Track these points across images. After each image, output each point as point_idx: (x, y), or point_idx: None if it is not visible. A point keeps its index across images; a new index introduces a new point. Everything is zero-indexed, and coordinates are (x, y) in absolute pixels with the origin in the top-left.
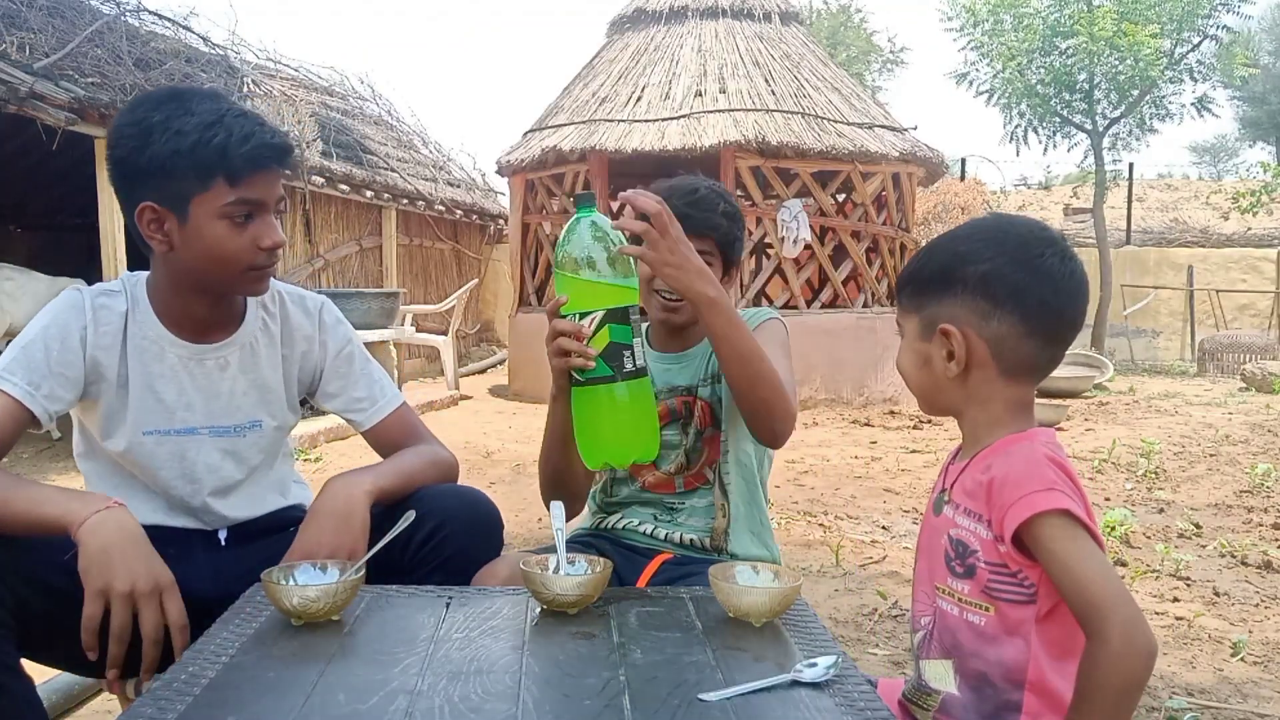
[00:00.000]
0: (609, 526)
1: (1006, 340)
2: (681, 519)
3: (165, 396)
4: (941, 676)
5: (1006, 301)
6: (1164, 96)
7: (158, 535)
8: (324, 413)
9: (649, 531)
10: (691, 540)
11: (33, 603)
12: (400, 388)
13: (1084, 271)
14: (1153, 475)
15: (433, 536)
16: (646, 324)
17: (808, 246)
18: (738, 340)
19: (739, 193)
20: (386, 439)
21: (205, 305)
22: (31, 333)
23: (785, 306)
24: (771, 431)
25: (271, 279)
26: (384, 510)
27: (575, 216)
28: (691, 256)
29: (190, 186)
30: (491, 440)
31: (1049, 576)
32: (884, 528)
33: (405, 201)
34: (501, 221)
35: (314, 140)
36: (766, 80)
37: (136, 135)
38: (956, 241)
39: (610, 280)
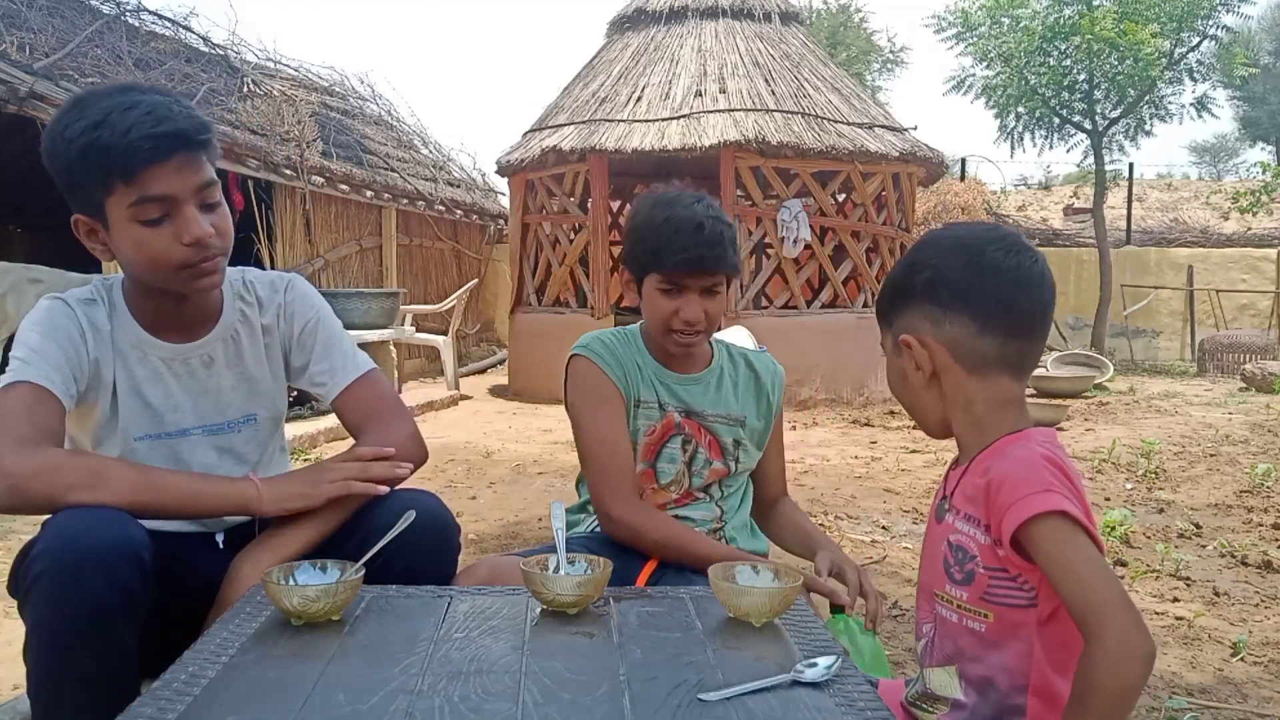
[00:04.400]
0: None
1: (961, 341)
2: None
3: (153, 400)
4: (946, 684)
5: (952, 303)
6: (1164, 96)
7: (155, 540)
8: (325, 412)
9: None
10: None
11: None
12: (400, 388)
13: (1039, 264)
14: (1153, 475)
15: (378, 556)
16: (639, 332)
17: (808, 246)
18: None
19: (739, 193)
20: (352, 412)
21: (174, 304)
22: (34, 337)
23: (785, 306)
24: None
25: (233, 269)
26: (383, 508)
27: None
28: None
29: (95, 192)
30: (492, 440)
31: (1047, 579)
32: (884, 528)
33: (405, 201)
34: (501, 221)
35: (314, 140)
36: (766, 80)
37: (48, 148)
38: (910, 254)
39: None
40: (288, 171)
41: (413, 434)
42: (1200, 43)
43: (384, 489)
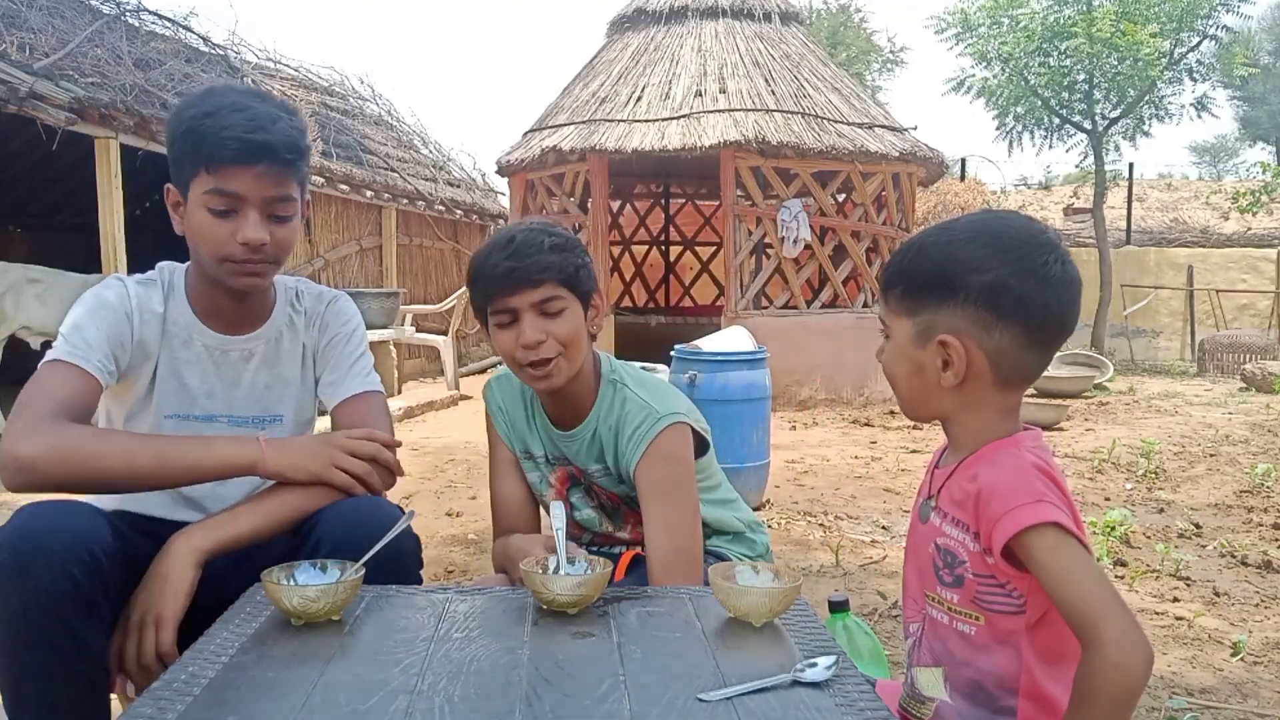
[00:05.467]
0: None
1: (1007, 352)
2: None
3: (189, 382)
4: (933, 684)
5: (1012, 313)
6: (1163, 97)
7: (160, 529)
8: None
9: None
10: None
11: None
12: (400, 388)
13: (1078, 271)
14: (1153, 475)
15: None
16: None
17: (808, 246)
18: None
19: (739, 193)
20: (340, 423)
21: (227, 297)
22: (80, 314)
23: (785, 306)
24: None
25: (290, 279)
26: (377, 509)
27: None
28: None
29: (186, 171)
30: None
31: (1042, 588)
32: (884, 528)
33: (405, 201)
34: (501, 221)
35: (314, 140)
36: (766, 80)
37: (169, 120)
38: (955, 245)
39: None
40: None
41: (387, 459)
42: (1200, 43)
43: (359, 489)
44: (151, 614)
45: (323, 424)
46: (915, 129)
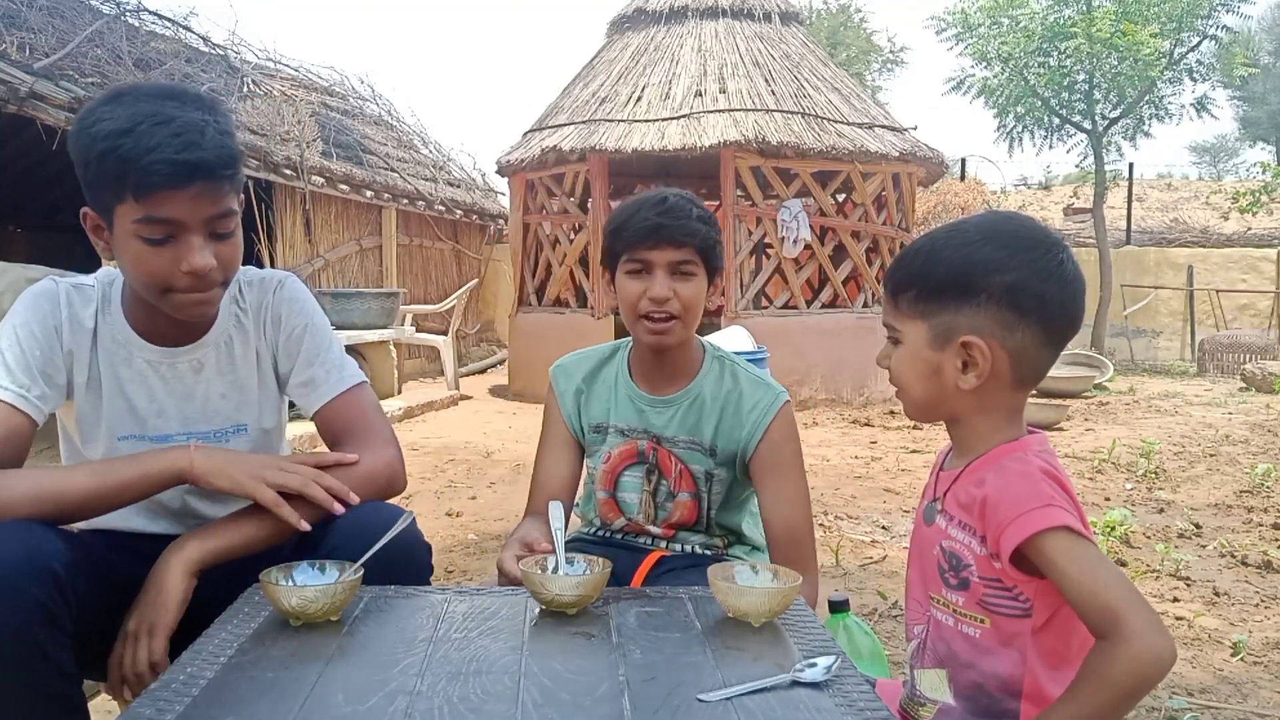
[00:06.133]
0: (604, 536)
1: (1028, 351)
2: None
3: (136, 402)
4: (936, 686)
5: (1033, 312)
6: (1163, 97)
7: (140, 543)
8: None
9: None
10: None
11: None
12: (400, 388)
13: (1081, 270)
14: (1153, 475)
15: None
16: (628, 346)
17: (808, 246)
18: None
19: (739, 193)
20: (329, 428)
21: (166, 317)
22: (9, 332)
23: (785, 306)
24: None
25: (223, 288)
26: (376, 511)
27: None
28: None
29: (108, 196)
30: (492, 440)
31: (1051, 592)
32: (884, 528)
33: (405, 201)
34: (501, 221)
35: (314, 140)
36: (766, 80)
37: (74, 134)
38: (971, 247)
39: None
40: (288, 171)
41: (391, 460)
42: (1200, 43)
43: (339, 507)
44: (145, 624)
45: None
46: (915, 129)
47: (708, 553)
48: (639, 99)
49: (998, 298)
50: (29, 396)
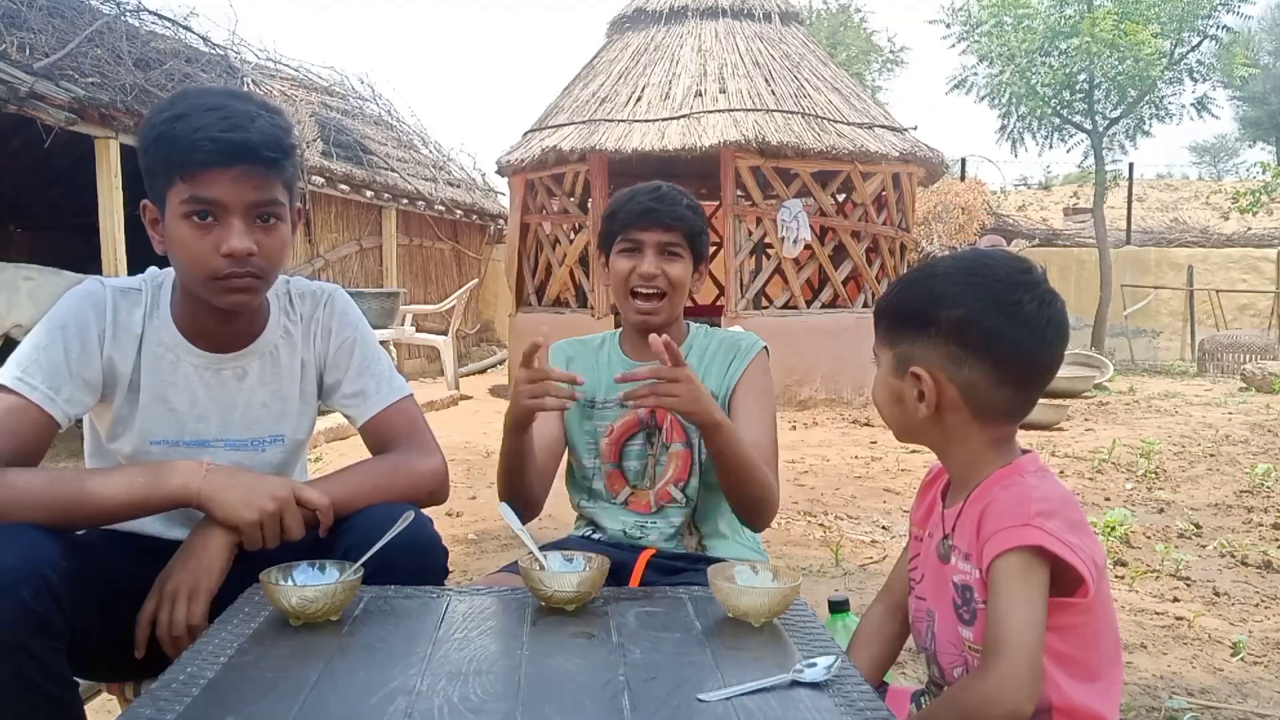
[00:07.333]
0: (595, 538)
1: (978, 387)
2: (652, 538)
3: (177, 406)
4: None
5: (979, 349)
6: (1164, 97)
7: (155, 548)
8: (326, 411)
9: (628, 534)
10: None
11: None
12: None
13: (1064, 313)
14: (1153, 475)
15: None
16: (617, 331)
17: (808, 246)
18: (734, 454)
19: (739, 193)
20: (377, 437)
21: (214, 316)
22: (50, 330)
23: (785, 306)
24: (757, 521)
25: (275, 284)
26: (390, 512)
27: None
28: (702, 388)
29: (160, 182)
30: (492, 440)
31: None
32: (884, 528)
33: (405, 201)
34: (501, 221)
35: (314, 140)
36: (766, 80)
37: (140, 129)
38: (934, 280)
39: None
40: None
41: (437, 469)
42: (1200, 43)
43: (255, 536)
44: (185, 586)
45: (322, 424)
46: (915, 129)
47: (700, 554)
48: (639, 99)
49: (946, 331)
50: (56, 399)
